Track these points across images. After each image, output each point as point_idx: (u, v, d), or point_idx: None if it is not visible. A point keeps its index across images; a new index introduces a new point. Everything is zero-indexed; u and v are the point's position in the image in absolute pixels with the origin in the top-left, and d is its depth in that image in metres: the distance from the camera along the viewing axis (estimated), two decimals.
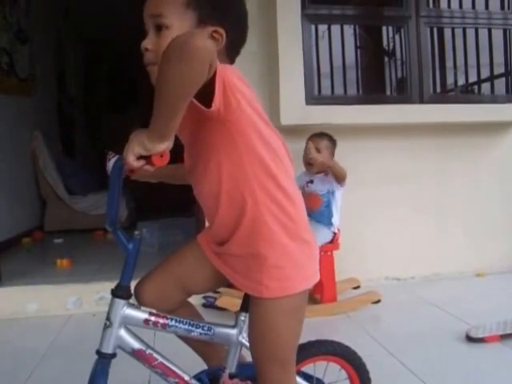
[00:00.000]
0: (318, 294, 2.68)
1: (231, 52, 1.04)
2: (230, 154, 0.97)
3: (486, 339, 2.10)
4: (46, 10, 5.24)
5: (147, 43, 0.99)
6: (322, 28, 3.02)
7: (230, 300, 2.49)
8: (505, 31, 3.21)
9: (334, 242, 2.69)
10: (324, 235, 2.64)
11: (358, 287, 2.88)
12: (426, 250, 3.13)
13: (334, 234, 2.70)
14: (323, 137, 2.68)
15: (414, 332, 2.28)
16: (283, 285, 1.00)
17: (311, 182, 2.71)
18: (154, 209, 5.21)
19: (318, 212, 2.67)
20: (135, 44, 1.12)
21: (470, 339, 2.13)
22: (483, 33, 3.22)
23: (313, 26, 2.92)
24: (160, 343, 1.26)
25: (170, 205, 5.10)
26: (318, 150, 2.64)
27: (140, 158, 0.89)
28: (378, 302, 2.65)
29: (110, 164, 0.91)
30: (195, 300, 2.46)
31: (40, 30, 5.02)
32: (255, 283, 1.01)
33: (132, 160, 0.88)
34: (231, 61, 1.05)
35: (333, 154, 2.71)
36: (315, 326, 2.36)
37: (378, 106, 2.94)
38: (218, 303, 2.52)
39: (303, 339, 1.26)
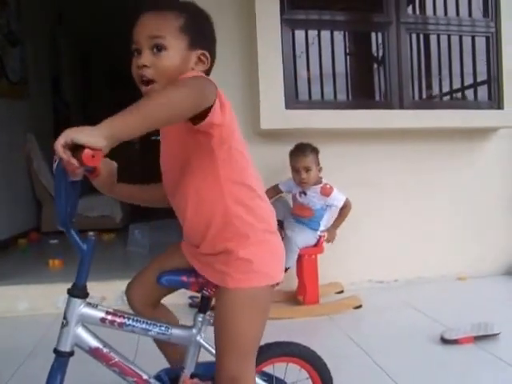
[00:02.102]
0: (301, 296, 2.73)
1: (207, 73, 1.15)
2: (207, 170, 1.07)
3: (460, 341, 2.14)
4: (38, 13, 5.25)
5: (146, 61, 1.05)
6: (303, 34, 3.03)
7: None
8: (487, 38, 3.23)
9: (318, 245, 2.73)
10: (307, 238, 2.67)
11: (342, 292, 2.91)
12: (410, 254, 3.15)
13: (319, 237, 2.74)
14: (306, 152, 2.65)
15: (391, 334, 2.32)
16: (248, 277, 1.07)
17: (304, 193, 2.71)
18: (150, 211, 5.24)
19: (307, 219, 2.71)
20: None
21: (444, 341, 2.16)
22: (466, 40, 3.23)
23: (292, 31, 2.93)
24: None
25: (168, 208, 5.14)
26: (308, 169, 2.64)
27: (72, 150, 0.81)
28: (360, 307, 2.68)
29: (55, 166, 0.93)
30: (182, 299, 2.54)
31: (32, 33, 5.02)
32: (222, 274, 1.09)
33: (60, 146, 0.80)
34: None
35: (318, 162, 2.72)
36: (296, 327, 2.43)
37: (358, 110, 2.95)
38: None
39: (282, 338, 1.33)
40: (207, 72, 1.15)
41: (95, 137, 0.80)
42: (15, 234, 4.29)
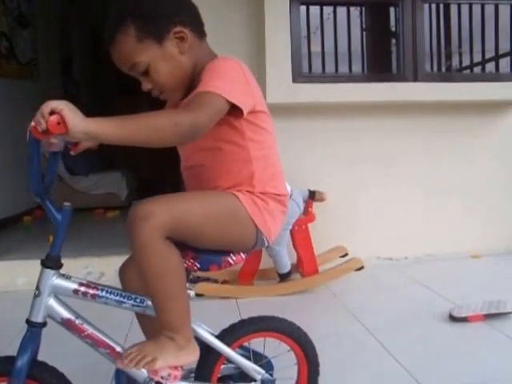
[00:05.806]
0: (300, 269, 2.65)
1: (199, 35, 1.13)
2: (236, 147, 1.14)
3: (469, 319, 2.06)
4: None
5: (146, 86, 1.12)
6: (312, 6, 2.89)
7: (207, 286, 2.54)
8: (511, 6, 3.04)
9: (307, 214, 2.65)
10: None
11: (346, 255, 2.84)
12: (421, 231, 3.07)
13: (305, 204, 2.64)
14: None
15: (397, 311, 2.24)
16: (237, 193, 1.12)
17: None
18: (155, 189, 5.22)
19: None
20: None
21: (453, 318, 2.08)
22: (487, 8, 3.05)
23: (301, 4, 2.82)
24: None
25: (175, 185, 5.11)
26: None
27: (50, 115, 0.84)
28: (361, 268, 2.62)
29: (28, 135, 0.87)
30: None
31: (43, 15, 5.01)
32: None
33: (49, 106, 0.84)
34: (204, 38, 1.15)
35: None
36: (297, 303, 2.39)
37: (368, 84, 2.83)
38: (195, 290, 2.52)
39: (284, 316, 1.26)
40: (199, 37, 1.12)
41: (77, 120, 0.84)
42: (21, 211, 4.29)
